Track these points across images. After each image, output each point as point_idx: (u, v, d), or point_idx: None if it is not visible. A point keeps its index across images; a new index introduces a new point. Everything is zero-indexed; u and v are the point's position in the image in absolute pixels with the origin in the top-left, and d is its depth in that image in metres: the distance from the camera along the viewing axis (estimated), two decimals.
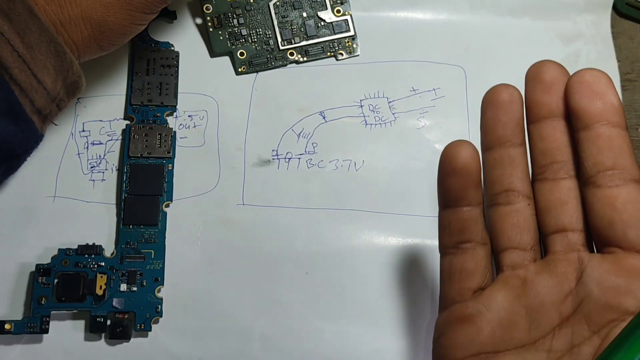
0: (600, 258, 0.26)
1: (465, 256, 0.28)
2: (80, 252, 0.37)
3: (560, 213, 0.27)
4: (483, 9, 0.44)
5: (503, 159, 0.28)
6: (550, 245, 0.28)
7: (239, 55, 0.42)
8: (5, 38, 0.31)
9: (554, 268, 0.27)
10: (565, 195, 0.28)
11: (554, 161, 0.28)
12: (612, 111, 0.27)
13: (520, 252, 0.28)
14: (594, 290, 0.26)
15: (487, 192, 0.29)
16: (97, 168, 0.40)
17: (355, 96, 0.43)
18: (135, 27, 0.35)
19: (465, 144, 0.28)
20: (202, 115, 0.41)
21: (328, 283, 0.39)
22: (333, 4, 0.43)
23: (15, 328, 0.36)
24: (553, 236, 0.28)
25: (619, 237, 0.26)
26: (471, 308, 0.27)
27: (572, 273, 0.27)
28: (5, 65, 0.31)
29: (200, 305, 0.38)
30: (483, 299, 0.27)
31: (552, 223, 0.28)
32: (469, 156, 0.27)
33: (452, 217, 0.28)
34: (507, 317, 0.27)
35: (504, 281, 0.28)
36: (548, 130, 0.28)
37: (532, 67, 0.28)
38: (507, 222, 0.28)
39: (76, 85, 0.34)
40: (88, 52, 0.35)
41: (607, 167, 0.27)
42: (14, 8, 0.31)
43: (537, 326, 0.26)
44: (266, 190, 0.40)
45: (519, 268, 0.28)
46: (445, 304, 0.29)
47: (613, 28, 0.45)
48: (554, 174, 0.28)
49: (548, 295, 0.27)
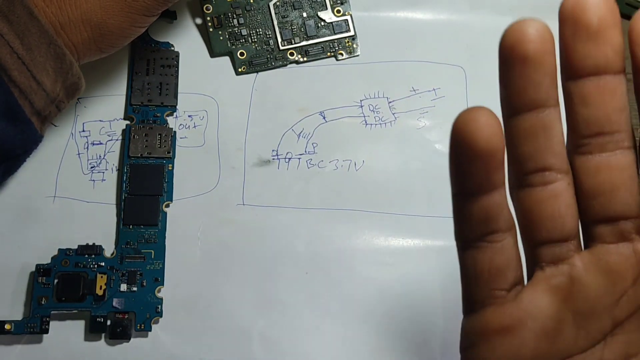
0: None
1: (492, 251, 0.23)
2: (80, 252, 0.37)
3: (610, 199, 0.22)
4: (483, 9, 0.45)
5: (536, 129, 0.22)
6: (599, 235, 0.23)
7: (239, 55, 0.42)
8: (5, 40, 0.31)
9: (605, 264, 0.22)
10: (618, 177, 0.22)
11: (601, 132, 0.22)
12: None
13: (562, 244, 0.23)
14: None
15: (514, 169, 0.23)
16: (97, 168, 0.40)
17: (355, 96, 0.43)
18: (135, 29, 0.35)
19: (485, 114, 0.21)
20: (202, 115, 0.41)
21: (328, 283, 0.39)
22: (333, 4, 0.43)
23: (15, 328, 0.36)
24: (602, 225, 0.23)
25: None
26: (511, 316, 0.23)
27: (629, 270, 0.22)
28: (5, 67, 0.31)
29: (200, 305, 0.38)
30: (525, 305, 0.23)
31: (601, 210, 0.22)
32: (492, 133, 0.21)
33: (473, 207, 0.23)
34: (553, 325, 0.23)
35: (546, 281, 0.23)
36: (595, 93, 0.22)
37: (569, 1, 0.22)
38: (545, 209, 0.23)
39: (76, 86, 0.34)
40: (88, 54, 0.35)
41: None
42: (13, 10, 0.31)
43: (586, 334, 0.23)
44: (266, 190, 0.40)
45: (563, 264, 0.23)
46: (473, 307, 0.24)
47: None
48: (602, 148, 0.22)
49: (599, 297, 0.22)
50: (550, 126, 0.22)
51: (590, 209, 0.23)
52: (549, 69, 0.22)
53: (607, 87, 0.22)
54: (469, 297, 0.24)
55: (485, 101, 0.28)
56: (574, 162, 0.23)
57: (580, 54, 0.22)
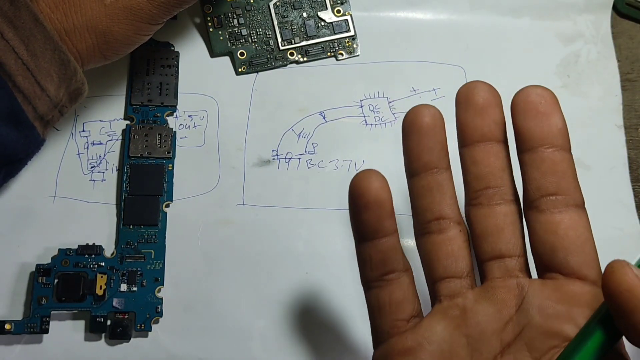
0: (540, 284, 0.26)
1: (391, 287, 0.27)
2: (80, 252, 0.37)
3: (497, 239, 0.27)
4: (483, 9, 0.45)
5: (431, 186, 0.27)
6: (488, 272, 0.27)
7: (239, 55, 0.42)
8: (10, 46, 0.31)
9: (493, 295, 0.26)
10: (502, 221, 0.27)
11: (488, 186, 0.27)
12: (557, 134, 0.26)
13: (456, 280, 0.27)
14: (535, 317, 0.25)
15: (416, 219, 0.28)
16: (97, 168, 0.40)
17: (355, 96, 0.43)
18: (140, 37, 0.35)
19: (373, 175, 0.26)
20: (202, 115, 0.41)
21: (328, 283, 0.39)
22: (333, 4, 0.43)
23: (15, 328, 0.36)
24: (490, 262, 0.27)
25: (560, 263, 0.26)
26: (411, 341, 0.27)
27: (512, 299, 0.26)
28: (9, 72, 0.31)
29: (200, 305, 0.38)
30: (422, 331, 0.27)
31: (489, 249, 0.27)
32: (379, 187, 0.26)
33: (371, 250, 0.27)
34: (448, 348, 0.26)
35: (442, 312, 0.27)
36: (482, 155, 0.27)
37: (462, 88, 0.28)
38: (441, 251, 0.27)
39: (79, 91, 0.34)
40: (92, 61, 0.35)
41: (550, 192, 0.26)
42: (19, 16, 0.31)
43: (479, 355, 0.26)
44: (266, 190, 0.40)
45: (457, 297, 0.27)
46: (380, 338, 0.28)
47: (613, 28, 0.45)
48: (489, 199, 0.27)
49: (488, 323, 0.26)
50: (443, 184, 0.27)
51: (482, 248, 0.27)
52: (438, 139, 0.27)
53: (492, 151, 0.27)
54: (376, 330, 0.28)
55: None
56: (469, 212, 0.28)
57: (470, 126, 0.27)
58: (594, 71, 0.44)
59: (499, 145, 0.27)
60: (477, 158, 0.27)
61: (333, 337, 0.38)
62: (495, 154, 0.27)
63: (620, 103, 0.44)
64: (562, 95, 0.28)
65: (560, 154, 0.26)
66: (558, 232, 0.26)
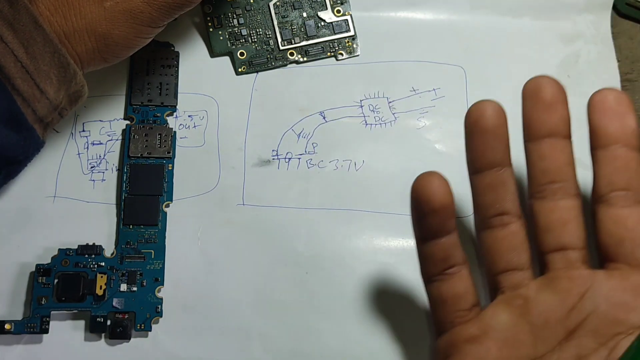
0: (606, 274, 0.27)
1: (453, 281, 0.29)
2: (80, 252, 0.37)
3: (561, 233, 0.28)
4: (483, 9, 0.44)
5: (495, 184, 0.28)
6: (551, 263, 0.28)
7: (239, 55, 0.42)
8: (10, 48, 0.31)
9: (556, 285, 0.27)
10: (566, 215, 0.28)
11: (554, 180, 0.28)
12: (630, 134, 0.27)
13: (518, 272, 0.28)
14: (601, 305, 0.26)
15: (478, 215, 0.29)
16: (97, 168, 0.40)
17: (355, 96, 0.43)
18: (140, 40, 0.35)
19: (436, 179, 0.27)
20: (202, 115, 0.41)
21: (328, 283, 0.39)
22: (333, 4, 0.43)
23: (15, 328, 0.36)
24: (553, 254, 0.28)
25: (627, 255, 0.27)
26: (476, 329, 0.28)
27: (575, 289, 0.27)
28: (8, 75, 0.31)
29: (200, 305, 0.38)
30: (487, 319, 0.28)
31: (553, 242, 0.28)
32: (444, 192, 0.27)
33: (433, 249, 0.29)
34: (512, 335, 0.27)
35: (505, 301, 0.28)
36: (549, 150, 0.28)
37: (530, 83, 0.28)
38: (503, 245, 0.28)
39: (79, 94, 0.34)
40: (92, 63, 0.35)
41: (620, 187, 0.27)
42: (19, 18, 0.31)
43: (543, 341, 0.27)
44: (266, 190, 0.40)
45: (520, 288, 0.28)
46: (443, 328, 0.29)
47: (613, 28, 0.45)
48: (554, 193, 0.28)
49: (552, 312, 0.27)
50: (506, 181, 0.28)
51: (545, 240, 0.28)
52: (503, 137, 0.28)
53: (558, 146, 0.28)
54: (439, 321, 0.29)
55: None
56: (533, 205, 0.28)
57: (537, 121, 0.28)
58: (594, 71, 0.44)
59: (565, 141, 0.28)
60: (544, 153, 0.28)
61: (333, 336, 0.38)
62: (561, 150, 0.28)
63: None
64: None
65: (632, 152, 0.27)
66: (627, 225, 0.27)
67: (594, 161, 0.28)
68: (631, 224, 0.27)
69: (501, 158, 0.28)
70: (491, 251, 0.29)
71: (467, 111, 0.28)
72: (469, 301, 0.29)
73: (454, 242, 0.29)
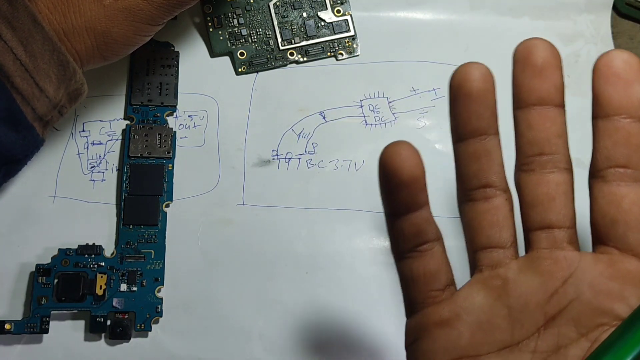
0: (593, 258, 0.25)
1: (425, 258, 0.26)
2: (80, 252, 0.37)
3: (547, 209, 0.26)
4: (483, 9, 0.45)
5: (479, 153, 0.26)
6: (535, 242, 0.26)
7: (239, 55, 0.42)
8: (8, 46, 0.31)
9: (538, 266, 0.25)
10: (554, 190, 0.26)
11: (542, 152, 0.26)
12: (637, 105, 0.25)
13: (499, 250, 0.26)
14: (585, 292, 0.25)
15: (461, 186, 0.27)
16: (97, 168, 0.40)
17: (355, 96, 0.43)
18: (139, 38, 0.35)
19: (405, 150, 0.25)
20: (202, 115, 0.41)
21: (328, 283, 0.39)
22: (333, 4, 0.43)
23: (15, 328, 0.36)
24: (538, 232, 0.26)
25: (618, 238, 0.25)
26: (448, 311, 0.26)
27: (559, 272, 0.25)
28: (7, 73, 0.31)
29: (200, 305, 0.38)
30: (460, 301, 0.26)
31: (538, 219, 0.26)
32: (414, 164, 0.25)
33: (404, 224, 0.26)
34: (487, 319, 0.25)
35: (482, 281, 0.26)
36: (537, 119, 0.26)
37: (520, 45, 0.26)
38: (485, 219, 0.26)
39: (78, 92, 0.34)
40: (91, 61, 0.35)
41: (619, 163, 0.25)
42: (17, 16, 0.31)
43: (521, 326, 0.25)
44: (266, 190, 0.40)
45: (499, 267, 0.26)
46: (414, 309, 0.27)
47: (613, 28, 0.45)
48: (542, 166, 0.26)
49: (532, 295, 0.25)
50: (491, 150, 0.26)
51: (530, 217, 0.26)
52: (489, 103, 0.26)
53: (549, 115, 0.26)
54: (410, 300, 0.27)
55: None
56: (519, 178, 0.26)
57: (527, 87, 0.26)
58: None
59: (557, 109, 0.26)
60: (532, 122, 0.26)
61: (333, 336, 0.38)
62: (552, 119, 0.26)
63: None
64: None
65: (637, 125, 0.25)
66: (622, 205, 0.25)
67: (594, 132, 0.25)
68: (627, 205, 0.25)
69: (486, 125, 0.26)
70: (471, 226, 0.27)
71: (452, 74, 0.26)
72: (442, 280, 0.26)
73: (426, 217, 0.26)
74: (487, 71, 0.26)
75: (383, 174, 0.25)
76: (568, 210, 0.26)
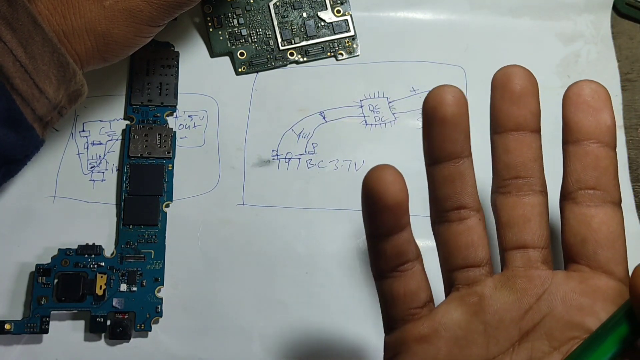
0: (565, 276, 0.26)
1: (405, 278, 0.27)
2: (80, 252, 0.37)
3: (522, 230, 0.27)
4: (483, 9, 0.45)
5: (453, 176, 0.27)
6: (510, 261, 0.27)
7: (239, 55, 0.42)
8: (8, 48, 0.31)
9: (513, 284, 0.26)
10: (529, 212, 0.27)
11: (518, 176, 0.27)
12: (605, 130, 0.26)
13: (475, 269, 0.27)
14: (557, 307, 0.25)
15: (435, 208, 0.28)
16: (97, 168, 0.40)
17: (355, 96, 0.43)
18: (140, 39, 0.35)
19: (389, 174, 0.25)
20: (202, 115, 0.41)
21: (328, 283, 0.39)
22: (333, 4, 0.43)
23: (15, 328, 0.36)
24: (513, 252, 0.27)
25: (589, 256, 0.26)
26: (427, 327, 0.27)
27: (533, 289, 0.26)
28: (7, 74, 0.31)
29: (200, 305, 0.38)
30: (439, 317, 0.27)
31: (514, 239, 0.27)
32: (398, 189, 0.25)
33: (386, 246, 0.27)
34: (464, 334, 0.26)
35: (459, 299, 0.27)
36: (514, 144, 0.27)
37: (499, 72, 0.27)
38: (461, 240, 0.27)
39: (78, 93, 0.34)
40: (91, 63, 0.35)
41: (589, 185, 0.26)
42: (17, 17, 0.31)
43: (496, 342, 0.26)
44: (266, 191, 0.40)
45: (476, 285, 0.27)
46: (393, 325, 0.28)
47: (613, 28, 0.45)
48: (518, 189, 0.27)
49: (507, 311, 0.26)
50: (464, 173, 0.27)
51: (506, 237, 0.27)
52: (463, 127, 0.26)
53: (525, 141, 0.27)
54: (389, 318, 0.28)
55: (485, 100, 0.28)
56: (496, 200, 0.27)
57: (505, 113, 0.27)
58: (594, 71, 0.44)
59: (533, 135, 0.27)
60: (509, 147, 0.27)
61: (333, 336, 0.38)
62: (528, 144, 0.27)
63: (620, 103, 0.44)
64: (561, 95, 0.28)
65: (604, 150, 0.26)
66: (591, 225, 0.26)
67: (564, 156, 0.27)
68: (596, 225, 0.26)
69: (460, 149, 0.26)
70: (447, 247, 0.27)
71: (425, 97, 0.26)
72: (422, 298, 0.27)
73: (407, 238, 0.27)
74: (460, 94, 0.26)
75: (367, 197, 0.26)
76: (543, 231, 0.27)
